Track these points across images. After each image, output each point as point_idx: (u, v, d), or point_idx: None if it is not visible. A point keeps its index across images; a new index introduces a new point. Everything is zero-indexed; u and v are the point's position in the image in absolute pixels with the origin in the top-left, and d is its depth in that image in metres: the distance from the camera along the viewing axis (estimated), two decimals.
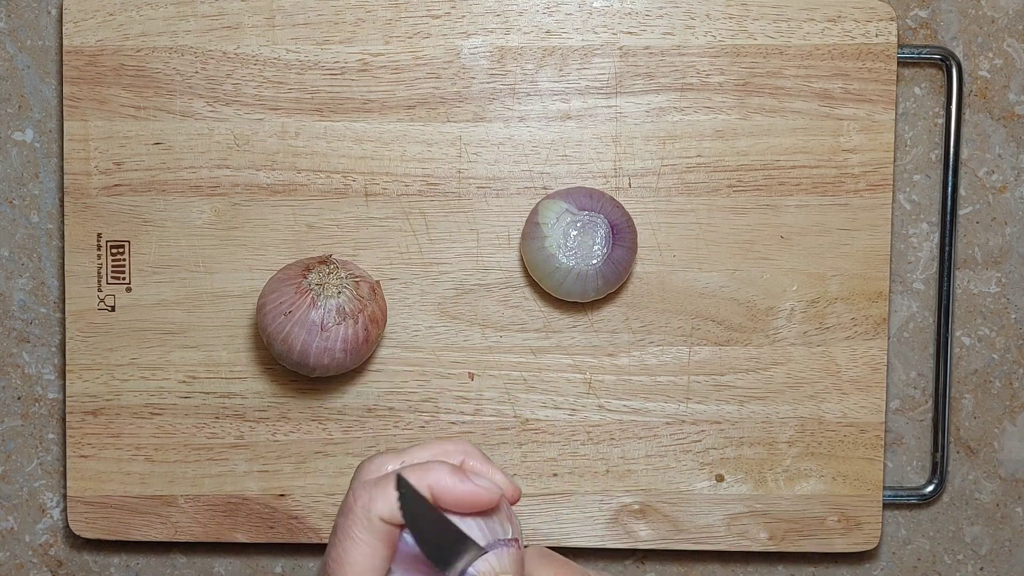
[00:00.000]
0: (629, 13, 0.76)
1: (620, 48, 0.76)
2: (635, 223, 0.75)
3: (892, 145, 0.76)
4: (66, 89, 0.76)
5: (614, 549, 0.79)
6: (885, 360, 0.77)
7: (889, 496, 0.79)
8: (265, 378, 0.78)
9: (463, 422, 0.77)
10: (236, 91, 0.76)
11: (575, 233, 0.73)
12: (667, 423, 0.77)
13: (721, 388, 0.77)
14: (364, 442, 0.77)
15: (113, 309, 0.77)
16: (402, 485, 0.52)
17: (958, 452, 0.81)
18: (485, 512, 0.54)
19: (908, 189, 0.79)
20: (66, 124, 0.77)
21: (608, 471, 0.77)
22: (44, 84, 0.79)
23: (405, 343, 0.77)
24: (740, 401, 0.77)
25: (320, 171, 0.77)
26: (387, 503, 0.53)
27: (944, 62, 0.78)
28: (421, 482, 0.54)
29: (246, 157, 0.77)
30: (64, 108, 0.77)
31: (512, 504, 0.56)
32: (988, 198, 0.80)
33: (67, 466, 0.78)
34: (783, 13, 0.76)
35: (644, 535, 0.78)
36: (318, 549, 0.80)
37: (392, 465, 0.55)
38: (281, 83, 0.76)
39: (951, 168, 0.78)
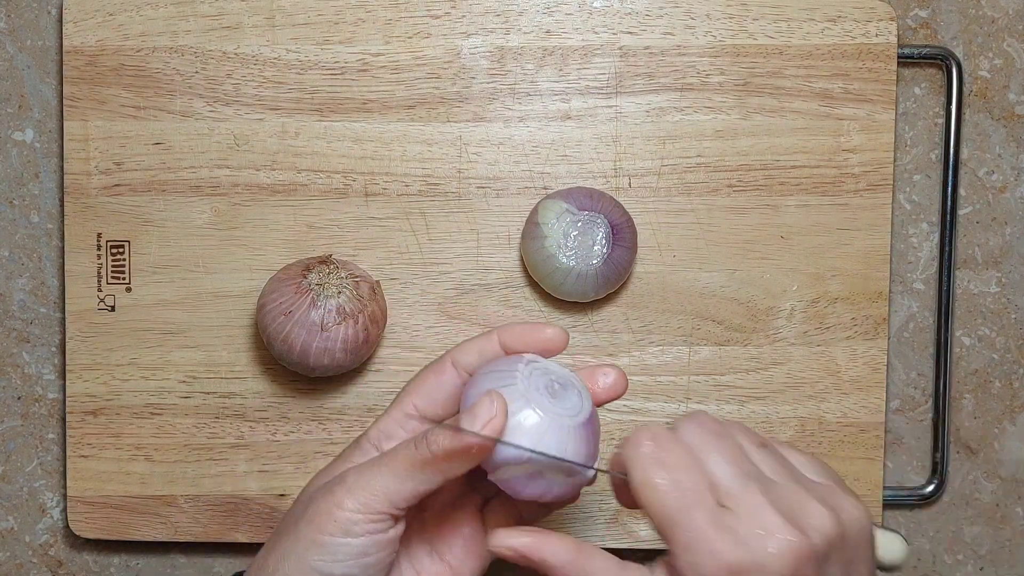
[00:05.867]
0: (629, 13, 0.76)
1: (620, 48, 0.76)
2: (635, 223, 0.75)
3: (892, 145, 0.76)
4: (66, 89, 0.76)
5: (614, 549, 0.79)
6: (885, 360, 0.77)
7: (889, 496, 0.79)
8: (265, 378, 0.78)
9: None
10: (236, 91, 0.76)
11: (575, 233, 0.73)
12: (667, 423, 0.77)
13: (721, 388, 0.77)
14: None
15: (113, 309, 0.77)
16: None
17: (958, 452, 0.81)
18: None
19: (908, 189, 0.79)
20: (66, 124, 0.77)
21: None
22: (44, 84, 0.79)
23: (405, 343, 0.77)
24: (740, 401, 0.77)
25: (320, 171, 0.77)
26: (466, 351, 0.61)
27: (944, 62, 0.78)
28: (491, 340, 0.60)
29: (246, 157, 0.77)
30: (64, 108, 0.77)
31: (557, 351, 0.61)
32: (988, 198, 0.80)
33: (67, 466, 0.78)
34: (783, 13, 0.76)
35: (644, 535, 0.78)
36: None
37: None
38: (281, 83, 0.76)
39: (951, 168, 0.78)
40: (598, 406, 0.60)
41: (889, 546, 0.59)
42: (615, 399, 0.61)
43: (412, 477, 0.56)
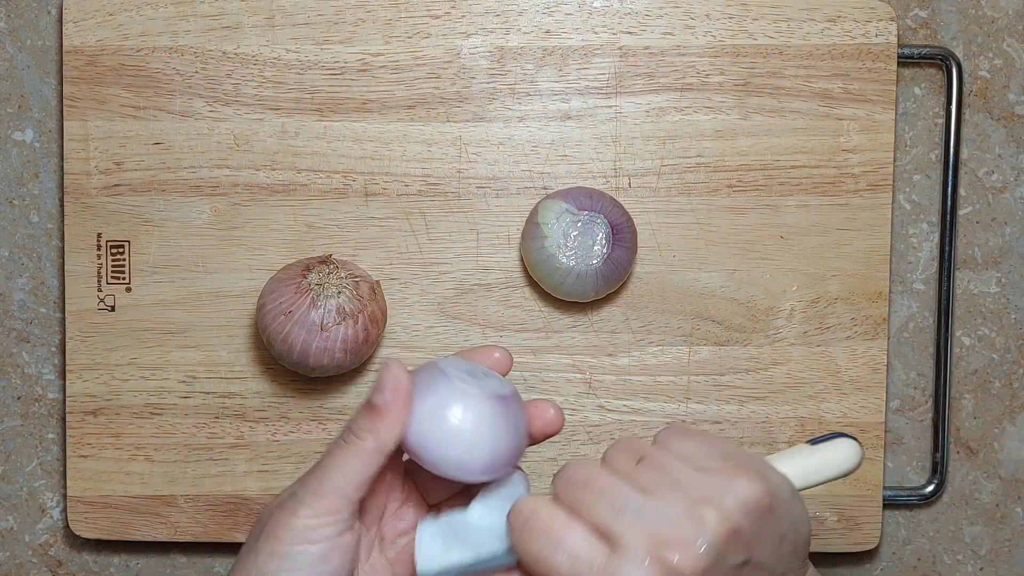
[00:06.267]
0: (629, 13, 0.76)
1: (620, 48, 0.76)
2: (635, 223, 0.75)
3: (892, 145, 0.76)
4: (66, 89, 0.76)
5: None
6: (885, 360, 0.77)
7: (889, 496, 0.79)
8: (265, 378, 0.78)
9: None
10: (236, 91, 0.76)
11: (575, 233, 0.73)
12: (667, 423, 0.77)
13: (721, 388, 0.77)
14: None
15: (113, 309, 0.77)
16: None
17: (958, 452, 0.81)
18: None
19: (908, 189, 0.79)
20: (66, 124, 0.77)
21: None
22: (44, 84, 0.79)
23: (405, 343, 0.77)
24: (740, 401, 0.77)
25: (320, 171, 0.77)
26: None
27: (944, 62, 0.78)
28: (434, 365, 0.59)
29: (246, 157, 0.77)
30: (64, 108, 0.77)
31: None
32: (988, 198, 0.80)
33: (67, 466, 0.78)
34: (783, 13, 0.76)
35: None
36: None
37: None
38: (281, 83, 0.76)
39: (951, 168, 0.78)
40: (534, 443, 0.61)
41: (836, 457, 0.58)
42: (551, 435, 0.61)
43: (352, 466, 0.57)
